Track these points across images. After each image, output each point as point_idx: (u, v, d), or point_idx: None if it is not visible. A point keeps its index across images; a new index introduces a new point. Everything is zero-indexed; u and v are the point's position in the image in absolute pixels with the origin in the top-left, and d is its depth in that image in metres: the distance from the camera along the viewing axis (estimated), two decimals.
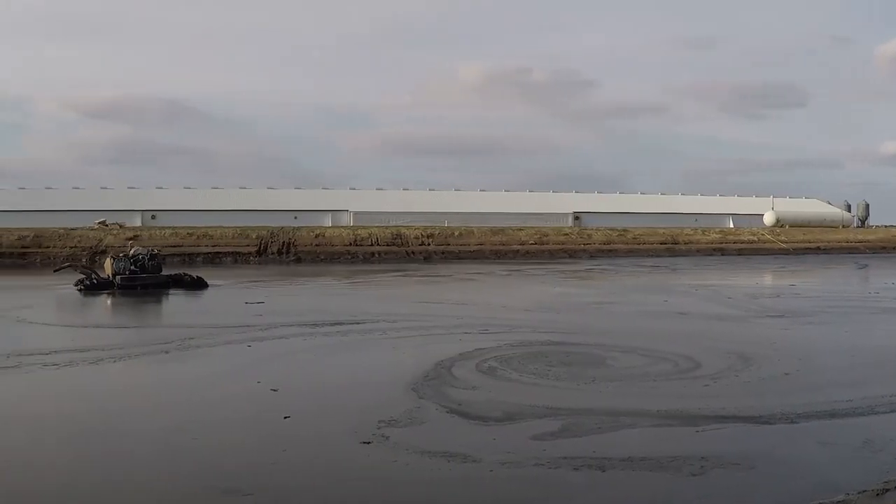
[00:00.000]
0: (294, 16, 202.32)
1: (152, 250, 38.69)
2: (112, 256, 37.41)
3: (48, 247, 62.91)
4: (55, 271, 41.53)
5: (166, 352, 18.19)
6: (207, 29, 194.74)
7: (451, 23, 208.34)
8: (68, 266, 40.94)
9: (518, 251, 70.95)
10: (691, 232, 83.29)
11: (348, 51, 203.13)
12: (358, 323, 22.39)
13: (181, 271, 38.48)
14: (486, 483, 8.97)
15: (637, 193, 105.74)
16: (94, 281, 34.90)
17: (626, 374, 15.00)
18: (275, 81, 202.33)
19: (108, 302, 31.41)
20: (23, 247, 63.29)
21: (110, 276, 35.32)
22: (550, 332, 20.99)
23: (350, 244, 69.42)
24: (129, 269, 35.51)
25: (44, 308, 28.74)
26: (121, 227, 72.80)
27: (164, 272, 37.41)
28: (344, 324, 22.09)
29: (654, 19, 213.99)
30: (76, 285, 34.47)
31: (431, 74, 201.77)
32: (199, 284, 36.16)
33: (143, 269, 35.96)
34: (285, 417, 12.02)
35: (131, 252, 37.33)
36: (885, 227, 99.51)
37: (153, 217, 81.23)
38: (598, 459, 9.53)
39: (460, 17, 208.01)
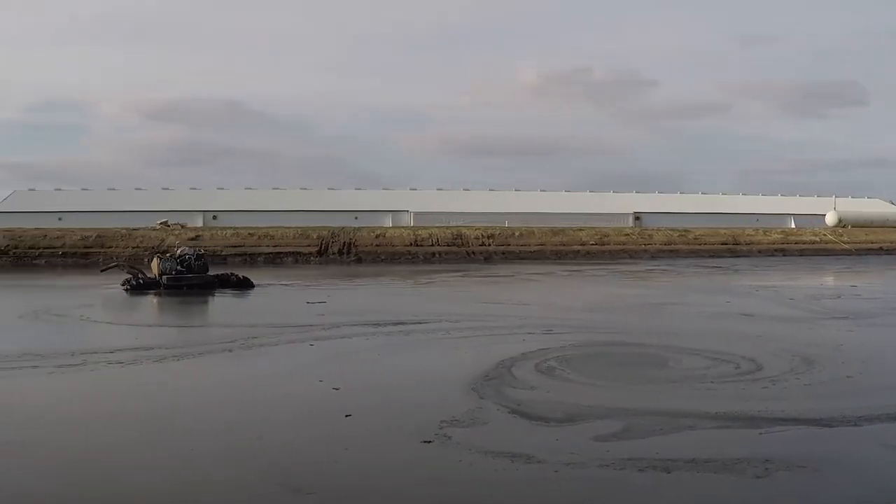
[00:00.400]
0: (353, 17, 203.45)
1: (199, 250, 39.21)
2: (158, 256, 37.96)
3: (110, 247, 63.86)
4: (102, 271, 42.27)
5: (230, 350, 18.36)
6: (267, 31, 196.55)
7: (510, 23, 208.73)
8: (115, 266, 41.56)
9: (578, 251, 70.80)
10: (753, 232, 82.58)
11: (407, 51, 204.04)
12: (420, 323, 22.49)
13: (228, 271, 38.87)
14: (551, 484, 8.96)
15: (698, 193, 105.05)
16: (141, 281, 35.36)
17: (686, 376, 14.88)
18: (334, 82, 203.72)
19: (166, 302, 31.80)
20: (85, 247, 64.34)
21: (157, 275, 35.78)
22: (612, 332, 20.96)
23: (410, 244, 69.67)
24: (176, 270, 35.91)
25: (105, 307, 29.15)
26: (182, 227, 73.52)
27: (212, 272, 37.85)
28: (406, 323, 22.19)
29: (712, 17, 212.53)
30: (123, 285, 34.93)
31: (490, 74, 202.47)
32: (245, 284, 36.52)
33: (190, 269, 36.34)
34: (346, 416, 12.08)
35: (178, 252, 37.86)
36: None
37: (214, 217, 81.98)
38: (662, 461, 9.49)
39: (518, 16, 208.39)
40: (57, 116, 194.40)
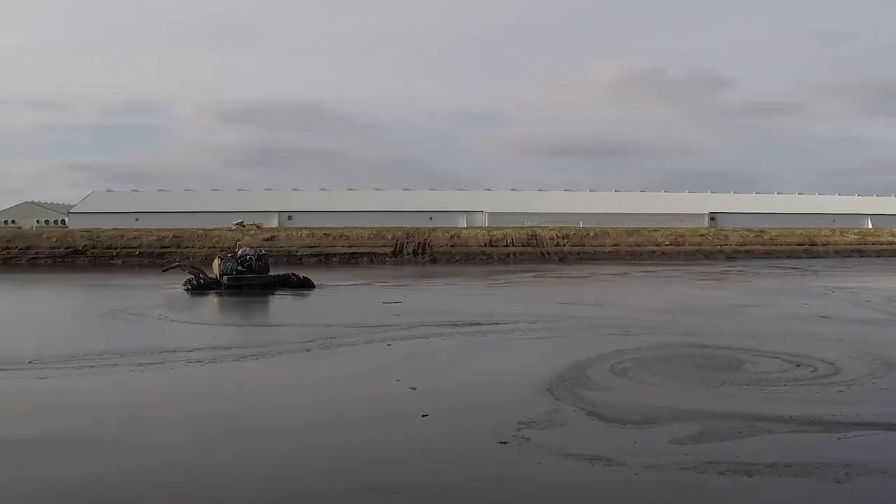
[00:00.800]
0: (427, 19, 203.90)
1: (259, 251, 39.70)
2: (220, 257, 38.42)
3: (187, 247, 64.73)
4: (164, 271, 42.83)
5: (308, 350, 18.55)
6: (343, 34, 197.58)
7: (583, 23, 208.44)
8: (177, 266, 42.11)
9: (653, 252, 70.41)
10: (829, 233, 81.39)
11: (481, 52, 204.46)
12: (497, 323, 22.53)
13: (289, 272, 39.17)
14: (632, 486, 8.96)
15: (773, 193, 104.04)
16: (202, 281, 35.84)
17: (763, 378, 14.70)
18: (410, 84, 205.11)
19: (231, 302, 32.26)
20: (162, 247, 65.32)
21: (218, 276, 36.19)
22: (687, 334, 20.83)
23: (485, 245, 69.69)
24: (237, 270, 36.28)
25: (175, 307, 29.64)
26: (258, 227, 74.19)
27: (286, 272, 38.36)
28: (482, 324, 22.24)
29: (788, 14, 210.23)
30: (184, 285, 35.45)
31: (565, 75, 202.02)
32: (305, 285, 36.83)
33: (251, 270, 36.66)
34: (423, 416, 12.16)
35: (239, 252, 38.24)
36: None
37: (290, 218, 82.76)
38: (742, 465, 9.44)
39: (592, 16, 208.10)
40: (134, 118, 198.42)
